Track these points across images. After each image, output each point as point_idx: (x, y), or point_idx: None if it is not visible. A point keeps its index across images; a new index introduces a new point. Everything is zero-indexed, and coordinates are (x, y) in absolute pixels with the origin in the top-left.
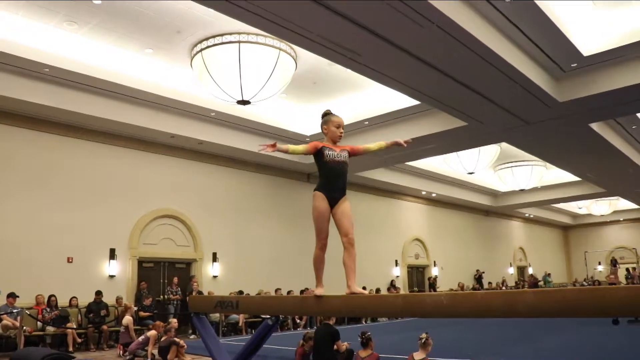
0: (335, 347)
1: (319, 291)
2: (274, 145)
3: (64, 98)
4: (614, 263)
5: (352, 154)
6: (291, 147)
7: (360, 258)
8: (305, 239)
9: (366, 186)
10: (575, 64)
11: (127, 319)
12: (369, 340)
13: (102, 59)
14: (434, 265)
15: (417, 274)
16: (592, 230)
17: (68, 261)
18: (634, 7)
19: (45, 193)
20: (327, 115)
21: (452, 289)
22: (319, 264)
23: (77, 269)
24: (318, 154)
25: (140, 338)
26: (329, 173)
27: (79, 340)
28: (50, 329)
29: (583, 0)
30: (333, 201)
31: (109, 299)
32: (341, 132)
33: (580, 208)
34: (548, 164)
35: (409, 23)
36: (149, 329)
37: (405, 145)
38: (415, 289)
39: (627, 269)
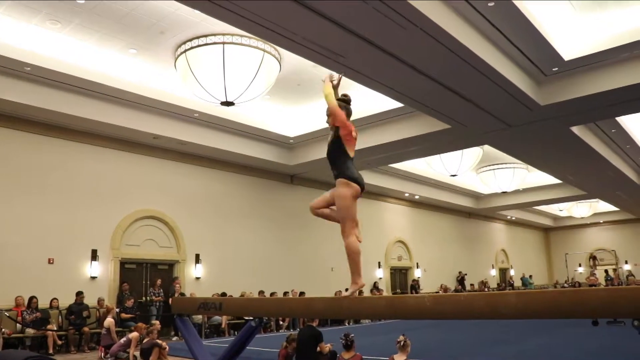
0: (318, 348)
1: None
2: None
3: (45, 97)
4: (593, 258)
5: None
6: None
7: (344, 260)
8: (289, 240)
9: None
10: (556, 68)
11: (109, 321)
12: (353, 342)
13: (85, 58)
14: (417, 267)
15: (400, 276)
16: (572, 232)
17: (49, 262)
18: (613, 12)
19: (25, 193)
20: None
21: (435, 292)
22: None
23: (58, 270)
24: (348, 137)
25: (122, 340)
26: (350, 163)
27: (60, 342)
28: (30, 331)
29: (562, 3)
30: (362, 188)
31: (90, 300)
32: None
33: (561, 210)
34: (530, 167)
35: (392, 25)
36: (131, 331)
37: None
38: (398, 290)
39: (606, 271)
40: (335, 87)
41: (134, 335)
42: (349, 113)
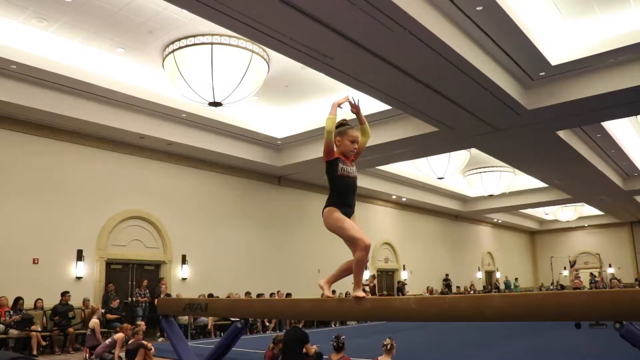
0: (304, 350)
1: (360, 294)
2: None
3: (31, 96)
4: (572, 264)
5: (359, 149)
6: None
7: (331, 261)
8: (276, 242)
9: None
10: (543, 73)
11: (94, 322)
12: (343, 344)
13: (72, 57)
14: (404, 269)
15: (386, 278)
16: (558, 235)
17: (34, 262)
18: (600, 18)
19: (9, 192)
20: (344, 126)
21: (420, 294)
22: (363, 268)
23: (43, 271)
24: (332, 164)
25: (107, 341)
26: (343, 188)
27: (44, 343)
28: (13, 331)
29: (550, 8)
30: (347, 216)
31: (75, 301)
32: (354, 148)
33: (546, 214)
34: (516, 170)
35: (380, 28)
36: (116, 332)
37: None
38: (385, 292)
39: (591, 274)
40: (358, 113)
41: (119, 336)
42: (349, 134)
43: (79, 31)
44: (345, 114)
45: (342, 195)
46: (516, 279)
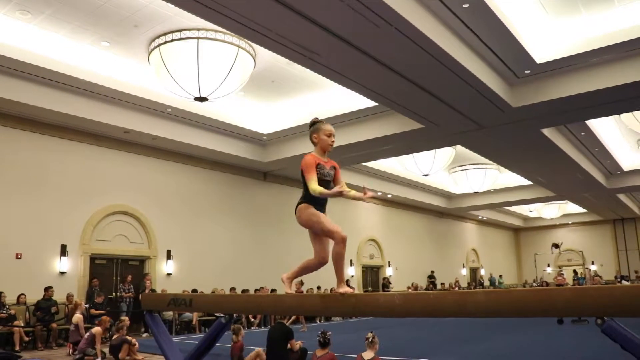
0: (288, 345)
1: (344, 289)
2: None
3: (13, 89)
4: (555, 246)
5: (335, 178)
6: (317, 190)
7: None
8: (261, 237)
9: None
10: (528, 71)
11: (77, 317)
12: (329, 340)
13: (56, 50)
14: (389, 266)
15: (371, 274)
16: (542, 232)
17: (16, 257)
18: (584, 18)
19: None
20: (316, 123)
21: (403, 290)
22: (342, 262)
23: (25, 265)
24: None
25: (86, 335)
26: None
27: (27, 338)
28: None
29: (536, 7)
30: None
31: (59, 296)
32: (332, 141)
33: (531, 211)
34: (501, 168)
35: (366, 24)
36: (94, 326)
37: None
38: (370, 288)
39: (575, 271)
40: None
41: (96, 330)
42: (323, 128)
43: (63, 24)
44: (319, 113)
45: (315, 197)
46: (500, 276)
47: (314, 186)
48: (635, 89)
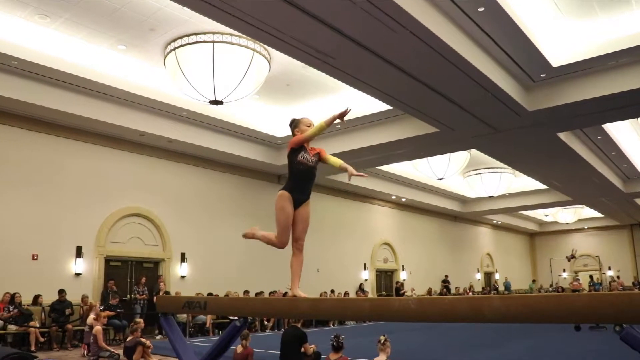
0: (302, 349)
1: (298, 292)
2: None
3: (32, 92)
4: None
5: (321, 159)
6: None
7: (330, 261)
8: None
9: (336, 189)
10: (544, 75)
11: (97, 329)
12: (342, 344)
13: (74, 53)
14: (403, 270)
15: (385, 278)
16: (557, 237)
17: (33, 258)
18: (600, 21)
19: (9, 188)
20: (294, 120)
21: (410, 294)
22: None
23: (42, 267)
24: (295, 150)
25: (92, 338)
26: (300, 175)
27: (42, 339)
28: (12, 327)
29: (552, 10)
30: (297, 203)
31: (74, 297)
32: None
33: (546, 216)
34: (516, 172)
35: (382, 28)
36: (91, 327)
37: (342, 117)
38: (384, 292)
39: (590, 276)
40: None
41: (97, 330)
42: (302, 121)
43: (80, 28)
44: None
45: (298, 181)
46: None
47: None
48: None
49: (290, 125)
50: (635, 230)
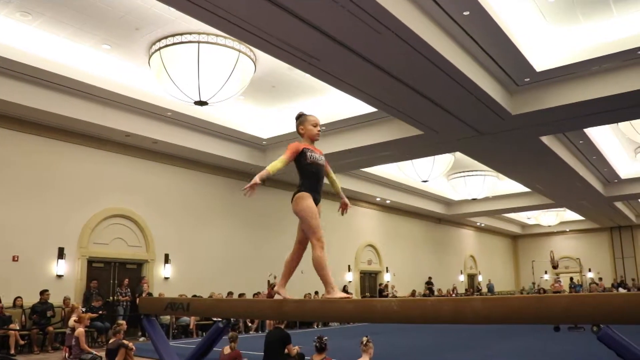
0: (286, 351)
1: (339, 294)
2: (253, 186)
3: (13, 91)
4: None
5: (325, 167)
6: (270, 167)
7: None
8: (259, 242)
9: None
10: (528, 79)
11: (79, 331)
12: (326, 345)
13: (57, 52)
14: (387, 271)
15: (369, 280)
16: (539, 240)
17: (13, 260)
18: (584, 26)
19: None
20: (301, 115)
21: (401, 295)
22: (325, 266)
23: (22, 268)
24: (300, 156)
25: (73, 340)
26: (313, 175)
27: (22, 342)
28: None
29: (536, 15)
30: (315, 203)
31: (56, 299)
32: (319, 130)
33: (529, 218)
34: (500, 175)
35: (367, 30)
36: (73, 329)
37: (343, 208)
38: (367, 294)
39: (571, 278)
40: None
41: (79, 332)
42: (308, 119)
43: (64, 26)
44: (319, 118)
45: (312, 182)
46: (489, 280)
47: (275, 163)
48: (633, 98)
49: (297, 119)
50: (614, 233)
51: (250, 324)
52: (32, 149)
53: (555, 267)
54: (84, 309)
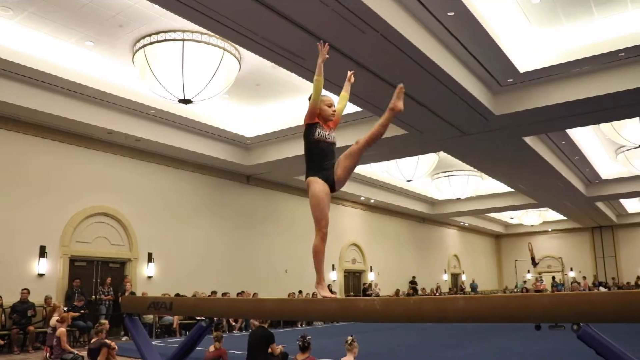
0: (269, 350)
1: (325, 292)
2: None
3: None
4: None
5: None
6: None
7: (298, 262)
8: (243, 241)
9: (304, 190)
10: (511, 80)
11: (61, 331)
12: (309, 344)
13: (38, 48)
14: (371, 271)
15: (354, 279)
16: (522, 239)
17: None
18: (566, 29)
19: None
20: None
21: (385, 294)
22: (321, 257)
23: (2, 267)
24: (310, 128)
25: (54, 339)
26: (318, 154)
27: (2, 342)
28: None
29: (519, 17)
30: (326, 180)
31: (37, 298)
32: (333, 111)
33: (512, 218)
34: (483, 175)
35: (352, 29)
36: (54, 329)
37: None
38: (352, 293)
39: (553, 277)
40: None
41: (60, 331)
42: (323, 99)
43: (46, 22)
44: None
45: (317, 160)
46: (473, 280)
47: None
48: (613, 100)
49: (310, 99)
50: (595, 232)
51: (234, 323)
52: (12, 146)
53: (534, 260)
54: (65, 308)
